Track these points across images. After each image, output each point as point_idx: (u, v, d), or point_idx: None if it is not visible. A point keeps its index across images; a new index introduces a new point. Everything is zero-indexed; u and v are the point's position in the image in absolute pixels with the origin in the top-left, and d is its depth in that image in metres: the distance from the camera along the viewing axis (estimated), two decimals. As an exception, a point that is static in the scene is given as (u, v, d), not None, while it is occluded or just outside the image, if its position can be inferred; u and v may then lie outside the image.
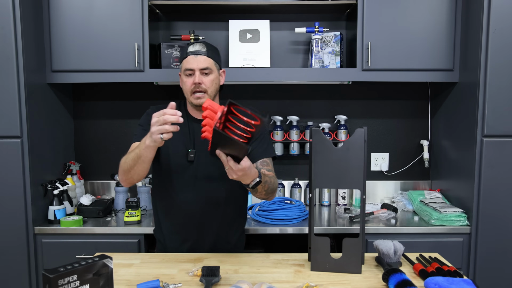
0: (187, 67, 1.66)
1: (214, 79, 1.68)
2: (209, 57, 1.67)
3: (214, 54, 1.69)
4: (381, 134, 2.74)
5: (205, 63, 1.65)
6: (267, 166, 1.69)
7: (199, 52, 1.65)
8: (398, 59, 2.33)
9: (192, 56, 1.66)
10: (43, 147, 2.31)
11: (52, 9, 2.29)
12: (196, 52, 1.65)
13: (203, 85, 1.65)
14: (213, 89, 1.68)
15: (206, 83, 1.65)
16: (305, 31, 2.42)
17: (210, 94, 1.67)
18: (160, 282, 1.36)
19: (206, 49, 1.66)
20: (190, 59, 1.66)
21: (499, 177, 2.17)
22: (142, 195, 2.53)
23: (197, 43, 1.69)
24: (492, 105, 2.13)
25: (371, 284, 1.42)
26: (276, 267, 1.56)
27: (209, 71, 1.66)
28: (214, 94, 1.70)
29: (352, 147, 1.48)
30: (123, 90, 2.69)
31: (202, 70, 1.65)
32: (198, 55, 1.65)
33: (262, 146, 1.72)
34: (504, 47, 2.10)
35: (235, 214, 1.79)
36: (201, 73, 1.65)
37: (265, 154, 1.71)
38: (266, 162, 1.70)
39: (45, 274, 1.12)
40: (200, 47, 1.67)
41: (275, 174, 1.73)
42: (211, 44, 1.73)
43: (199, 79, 1.64)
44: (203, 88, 1.65)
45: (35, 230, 2.20)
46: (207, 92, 1.66)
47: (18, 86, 2.12)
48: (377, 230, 2.21)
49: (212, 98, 1.69)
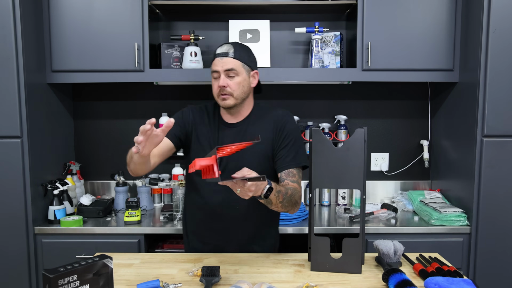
0: (213, 69, 1.64)
1: (241, 81, 1.63)
2: (236, 59, 1.62)
3: (242, 55, 1.64)
4: (381, 134, 2.74)
5: (230, 65, 1.61)
6: (292, 177, 1.63)
7: (225, 54, 1.62)
8: (398, 59, 2.33)
9: (219, 58, 1.63)
10: (43, 147, 2.31)
11: (52, 9, 2.29)
12: (222, 54, 1.62)
13: (228, 88, 1.62)
14: (240, 91, 1.64)
15: (231, 86, 1.62)
16: (305, 31, 2.42)
17: (237, 97, 1.64)
18: (160, 282, 1.36)
19: (233, 50, 1.62)
20: (216, 61, 1.63)
21: (499, 177, 2.17)
22: (142, 195, 2.53)
23: (226, 44, 1.66)
24: (492, 105, 2.13)
25: (371, 284, 1.42)
26: (276, 267, 1.56)
27: (234, 73, 1.62)
28: (243, 97, 1.66)
29: (352, 147, 1.48)
30: (123, 90, 2.69)
31: (227, 72, 1.62)
32: (224, 57, 1.62)
33: (290, 154, 1.65)
34: (504, 47, 2.10)
35: (261, 217, 1.74)
36: (226, 76, 1.62)
37: (292, 163, 1.64)
38: (292, 172, 1.63)
39: (45, 274, 1.12)
40: (227, 48, 1.63)
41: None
42: (242, 44, 1.68)
43: (223, 82, 1.61)
44: (228, 91, 1.62)
45: (35, 230, 2.20)
46: (233, 95, 1.63)
47: (18, 86, 2.12)
48: (377, 230, 2.21)
49: (241, 101, 1.66)
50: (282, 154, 1.65)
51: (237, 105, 1.67)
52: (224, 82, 1.61)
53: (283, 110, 1.74)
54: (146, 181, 2.59)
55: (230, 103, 1.64)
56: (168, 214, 2.33)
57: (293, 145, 1.66)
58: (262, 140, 1.56)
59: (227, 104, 1.64)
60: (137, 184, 2.61)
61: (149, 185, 2.59)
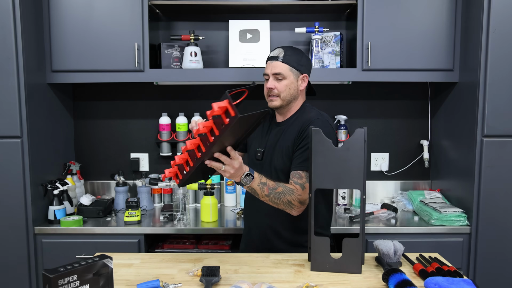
0: (264, 73, 1.76)
1: (289, 84, 1.72)
2: (285, 63, 1.70)
3: (292, 59, 1.72)
4: (381, 134, 2.74)
5: (277, 69, 1.70)
6: (299, 179, 1.64)
7: (274, 58, 1.72)
8: (398, 59, 2.33)
9: (269, 61, 1.74)
10: (43, 147, 2.31)
11: (52, 9, 2.29)
12: (272, 58, 1.73)
13: (275, 90, 1.72)
14: (287, 94, 1.72)
15: (278, 88, 1.71)
16: (305, 31, 2.42)
17: (283, 99, 1.73)
18: (160, 282, 1.36)
19: (283, 55, 1.71)
20: (267, 64, 1.75)
21: (499, 177, 2.17)
22: (142, 195, 2.53)
23: (278, 48, 1.75)
24: (492, 105, 2.13)
25: (371, 284, 1.42)
26: (276, 267, 1.56)
27: (282, 76, 1.71)
28: (289, 99, 1.74)
29: (352, 147, 1.48)
30: (123, 90, 2.69)
31: (275, 75, 1.71)
32: (273, 61, 1.72)
33: (302, 156, 1.66)
34: (504, 47, 2.10)
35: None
36: (274, 79, 1.72)
37: (300, 166, 1.65)
38: (300, 174, 1.64)
39: (45, 274, 1.12)
40: (278, 52, 1.73)
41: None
42: (294, 48, 1.76)
43: (271, 84, 1.72)
44: (275, 93, 1.72)
45: (35, 230, 2.20)
46: (280, 96, 1.72)
47: (18, 86, 2.12)
48: (377, 230, 2.21)
49: (287, 102, 1.74)
50: (296, 154, 1.68)
51: (284, 106, 1.76)
52: (271, 84, 1.72)
53: (319, 112, 1.77)
54: (146, 181, 2.59)
55: (277, 104, 1.74)
56: (168, 214, 2.33)
57: (308, 148, 1.65)
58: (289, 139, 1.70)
59: (273, 105, 1.75)
60: (137, 184, 2.61)
61: (149, 185, 2.59)
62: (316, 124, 1.65)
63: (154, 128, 2.70)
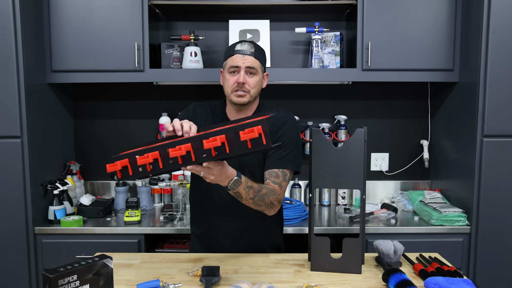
0: (232, 65, 1.63)
1: (258, 81, 1.65)
2: (256, 59, 1.64)
3: (261, 56, 1.66)
4: (381, 134, 2.74)
5: (252, 63, 1.62)
6: (276, 178, 1.60)
7: (247, 52, 1.63)
8: (398, 59, 2.33)
9: (239, 55, 1.63)
10: (43, 147, 2.31)
11: (52, 9, 2.29)
12: (243, 51, 1.63)
13: (247, 86, 1.62)
14: (255, 91, 1.65)
15: (250, 83, 1.63)
16: (305, 31, 2.42)
17: (252, 95, 1.64)
18: (160, 282, 1.36)
19: (254, 50, 1.64)
20: (236, 57, 1.62)
21: (499, 177, 2.17)
22: (142, 195, 2.53)
23: (246, 42, 1.66)
24: (492, 105, 2.13)
25: (371, 284, 1.42)
26: (276, 267, 1.56)
27: (254, 71, 1.63)
28: (255, 96, 1.67)
29: (352, 147, 1.48)
30: (123, 90, 2.69)
31: (248, 69, 1.62)
32: (245, 55, 1.62)
33: (278, 155, 1.62)
34: (504, 47, 2.10)
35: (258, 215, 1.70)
36: (246, 73, 1.63)
37: (276, 164, 1.61)
38: (276, 173, 1.60)
39: (45, 274, 1.12)
40: (248, 46, 1.64)
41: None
42: (259, 45, 1.70)
43: (243, 79, 1.61)
44: (246, 88, 1.62)
45: (35, 230, 2.20)
46: (250, 93, 1.64)
47: (18, 86, 2.12)
48: (377, 230, 2.21)
49: (253, 99, 1.67)
50: (271, 153, 1.63)
51: (249, 104, 1.68)
52: (244, 79, 1.61)
53: (286, 111, 1.74)
54: (146, 181, 2.59)
55: (245, 100, 1.64)
56: (168, 214, 2.33)
57: (285, 148, 1.64)
58: None
59: (242, 101, 1.64)
60: (137, 184, 2.61)
61: (149, 185, 2.59)
62: (288, 123, 1.67)
63: (154, 128, 2.70)
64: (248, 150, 1.20)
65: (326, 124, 2.65)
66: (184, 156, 1.25)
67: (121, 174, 1.35)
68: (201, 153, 1.23)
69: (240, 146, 1.20)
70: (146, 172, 1.31)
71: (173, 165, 1.27)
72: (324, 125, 2.64)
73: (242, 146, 1.20)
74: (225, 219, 1.71)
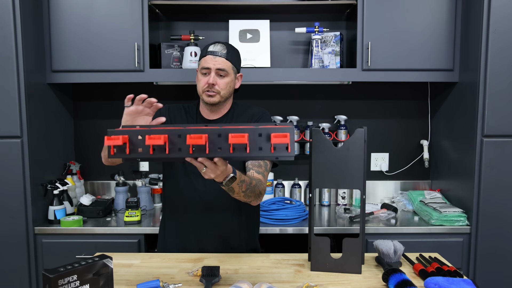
0: (204, 66, 1.66)
1: (229, 82, 1.68)
2: (228, 60, 1.66)
3: (233, 57, 1.69)
4: (381, 134, 2.74)
5: (222, 65, 1.65)
6: (259, 168, 1.64)
7: (218, 53, 1.65)
8: (398, 59, 2.33)
9: (211, 56, 1.65)
10: (43, 147, 2.31)
11: (52, 9, 2.29)
12: (215, 53, 1.65)
13: (217, 87, 1.65)
14: (226, 91, 1.68)
15: (220, 84, 1.66)
16: (305, 31, 2.42)
17: (223, 96, 1.68)
18: (160, 282, 1.36)
19: (226, 51, 1.66)
20: (208, 58, 1.66)
21: (499, 177, 2.17)
22: (142, 195, 2.53)
23: (219, 43, 1.69)
24: (492, 105, 2.13)
25: (371, 284, 1.42)
26: (276, 267, 1.56)
27: (224, 73, 1.66)
28: (227, 97, 1.70)
29: (352, 147, 1.48)
30: (123, 90, 2.69)
31: (218, 71, 1.65)
32: (217, 56, 1.65)
33: None
34: (504, 47, 2.10)
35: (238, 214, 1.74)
36: (217, 74, 1.66)
37: None
38: (259, 163, 1.64)
39: (45, 274, 1.12)
40: (220, 48, 1.67)
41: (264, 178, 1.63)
42: (233, 46, 1.72)
43: (213, 80, 1.64)
44: (216, 89, 1.65)
45: (35, 230, 2.20)
46: (220, 93, 1.67)
47: (18, 86, 2.12)
48: (377, 230, 2.21)
49: (225, 100, 1.70)
50: None
51: (220, 103, 1.71)
52: (214, 80, 1.65)
53: (259, 108, 1.79)
54: (146, 181, 2.59)
55: (216, 100, 1.67)
56: (168, 214, 2.33)
57: None
58: None
59: (212, 101, 1.67)
60: (137, 184, 2.61)
61: (149, 185, 2.59)
62: (264, 118, 1.73)
63: (154, 128, 2.70)
64: (270, 155, 1.13)
65: (326, 124, 2.65)
66: (198, 147, 1.16)
67: (116, 150, 1.21)
68: (216, 147, 1.16)
69: (262, 149, 1.13)
70: (145, 155, 1.20)
71: (180, 154, 1.17)
72: (324, 125, 2.64)
73: (265, 149, 1.13)
74: (202, 218, 1.73)
